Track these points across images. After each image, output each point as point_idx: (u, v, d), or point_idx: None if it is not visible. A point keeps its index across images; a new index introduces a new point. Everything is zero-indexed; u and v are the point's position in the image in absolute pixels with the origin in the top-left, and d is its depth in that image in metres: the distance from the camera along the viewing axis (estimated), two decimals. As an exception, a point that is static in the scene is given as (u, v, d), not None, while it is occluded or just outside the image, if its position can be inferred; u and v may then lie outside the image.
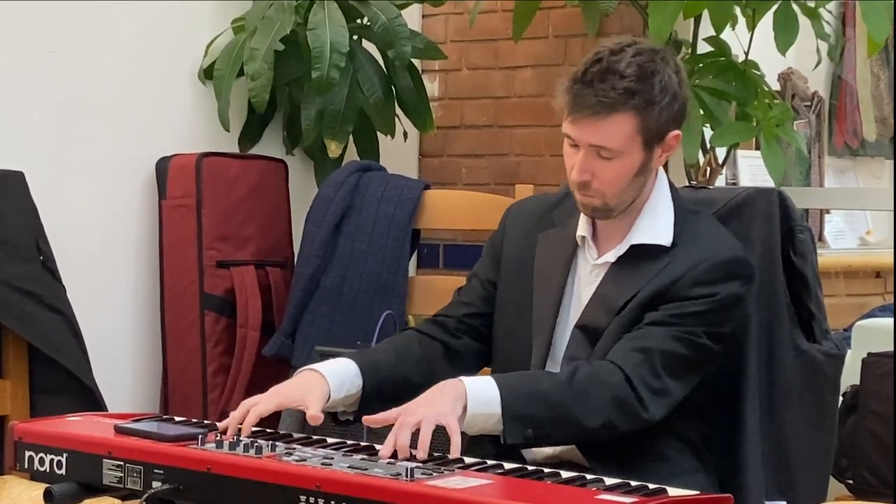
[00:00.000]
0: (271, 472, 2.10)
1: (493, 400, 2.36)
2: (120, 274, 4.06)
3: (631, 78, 2.46)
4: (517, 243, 2.70)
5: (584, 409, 2.40)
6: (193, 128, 4.20)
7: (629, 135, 2.47)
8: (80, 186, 3.95)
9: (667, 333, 2.48)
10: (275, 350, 3.92)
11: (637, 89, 2.46)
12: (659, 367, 2.46)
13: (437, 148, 4.75)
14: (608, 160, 2.49)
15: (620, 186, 2.52)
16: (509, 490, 2.03)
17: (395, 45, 4.07)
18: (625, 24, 4.35)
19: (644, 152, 2.51)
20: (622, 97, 2.45)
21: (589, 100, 2.46)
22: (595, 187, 2.51)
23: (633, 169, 2.51)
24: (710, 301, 2.51)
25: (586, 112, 2.46)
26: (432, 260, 4.61)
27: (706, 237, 2.58)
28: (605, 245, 2.61)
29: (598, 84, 2.45)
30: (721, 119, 4.05)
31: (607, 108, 2.45)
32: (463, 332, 2.70)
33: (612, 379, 2.43)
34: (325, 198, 3.99)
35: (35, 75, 3.86)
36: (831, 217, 5.96)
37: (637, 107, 2.46)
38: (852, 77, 6.06)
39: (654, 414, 2.45)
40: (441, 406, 2.31)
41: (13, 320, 3.47)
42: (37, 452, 2.38)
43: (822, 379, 2.76)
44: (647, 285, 2.52)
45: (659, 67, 2.49)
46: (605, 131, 2.47)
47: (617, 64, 2.46)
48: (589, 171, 2.50)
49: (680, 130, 2.56)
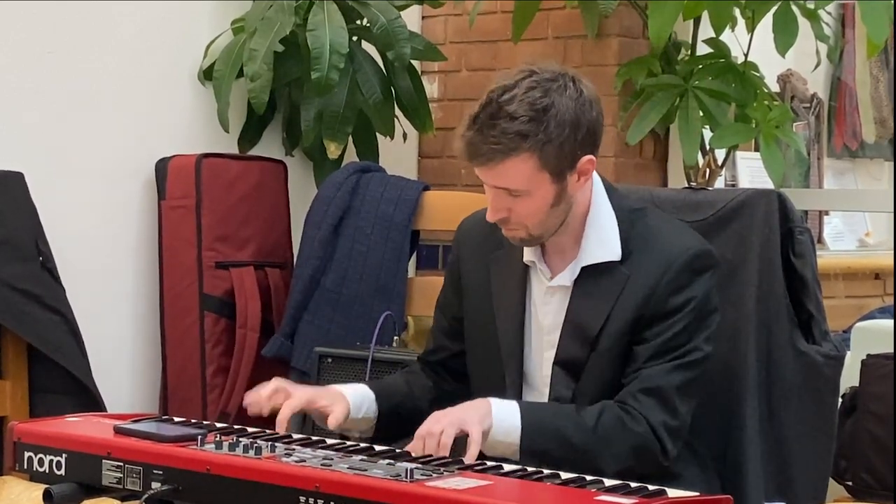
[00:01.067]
0: (271, 473, 2.10)
1: (515, 431, 2.39)
2: (119, 274, 4.06)
3: (522, 119, 2.38)
4: (472, 268, 2.68)
5: (605, 456, 2.41)
6: (193, 128, 4.20)
7: (530, 174, 2.42)
8: (80, 187, 3.95)
9: (669, 367, 2.47)
10: (274, 351, 3.92)
11: (528, 131, 2.38)
12: (674, 403, 2.47)
13: (436, 149, 4.75)
14: (518, 197, 2.44)
15: (539, 218, 2.48)
16: (509, 491, 2.03)
17: (395, 46, 4.07)
18: (624, 26, 4.35)
19: (555, 184, 2.45)
20: (513, 141, 2.38)
21: (481, 148, 2.40)
22: (514, 221, 2.48)
23: (546, 201, 2.46)
24: (691, 308, 2.49)
25: (482, 160, 2.42)
26: (431, 261, 4.61)
27: (658, 239, 2.53)
28: (556, 264, 2.57)
29: (487, 131, 2.39)
30: (720, 120, 4.05)
31: (501, 154, 2.39)
32: (448, 375, 2.73)
33: (637, 428, 2.43)
34: (325, 199, 3.99)
35: (35, 75, 3.86)
36: (830, 219, 5.96)
37: (532, 147, 2.39)
38: (852, 79, 6.05)
39: (672, 454, 2.47)
40: (469, 415, 2.35)
41: (12, 321, 3.47)
42: (36, 453, 2.38)
43: (821, 380, 2.76)
44: (617, 307, 2.49)
45: (553, 100, 2.40)
46: (504, 175, 2.42)
47: (508, 105, 2.38)
48: (503, 209, 2.47)
49: (594, 154, 2.47)
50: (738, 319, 2.74)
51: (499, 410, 2.40)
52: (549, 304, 2.57)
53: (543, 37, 4.46)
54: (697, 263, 2.52)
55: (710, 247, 2.58)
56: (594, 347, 2.50)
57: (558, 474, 2.14)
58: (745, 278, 2.76)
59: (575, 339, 2.52)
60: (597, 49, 4.34)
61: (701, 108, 4.04)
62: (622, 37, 4.35)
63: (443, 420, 2.34)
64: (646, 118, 4.06)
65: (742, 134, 4.09)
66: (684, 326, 2.48)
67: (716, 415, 2.71)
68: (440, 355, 2.75)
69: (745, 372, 2.73)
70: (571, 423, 2.42)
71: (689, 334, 2.48)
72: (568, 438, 2.40)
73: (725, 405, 2.73)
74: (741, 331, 2.74)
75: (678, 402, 2.47)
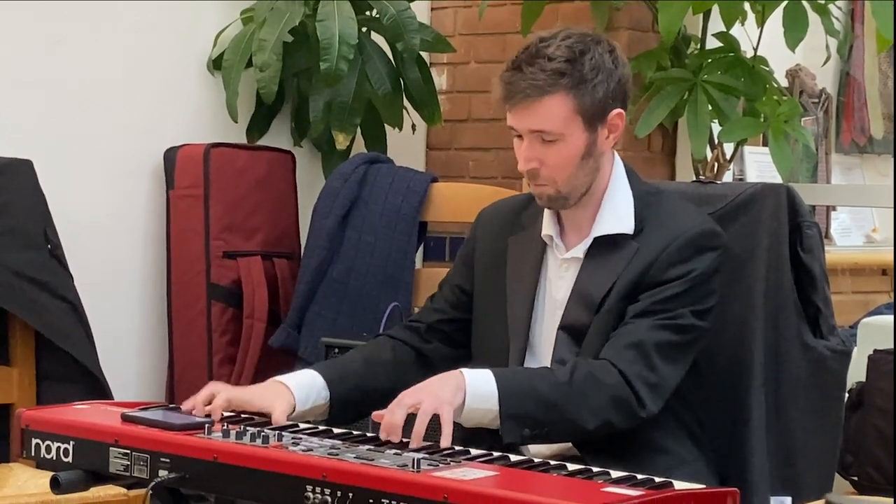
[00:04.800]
0: (278, 462, 2.10)
1: (491, 396, 2.37)
2: (127, 263, 4.07)
3: (559, 59, 2.47)
4: (489, 249, 2.70)
5: (583, 410, 2.40)
6: (201, 118, 4.20)
7: (566, 115, 2.48)
8: (89, 176, 3.96)
9: (653, 323, 2.49)
10: (281, 341, 3.93)
11: (566, 70, 2.47)
12: (653, 359, 2.46)
13: (444, 141, 4.75)
14: (551, 143, 2.49)
15: (569, 171, 2.52)
16: (515, 482, 2.03)
17: (404, 37, 4.07)
18: (634, 19, 4.35)
19: (587, 133, 2.51)
20: (552, 77, 2.47)
21: (519, 85, 2.48)
22: (544, 175, 2.52)
23: (578, 150, 2.51)
24: (688, 279, 2.51)
25: (519, 97, 2.49)
26: (439, 252, 4.61)
27: (671, 216, 2.58)
28: (572, 240, 2.61)
29: (527, 68, 2.48)
30: (729, 114, 4.05)
31: (538, 90, 2.47)
32: (434, 337, 2.72)
33: (610, 379, 2.43)
34: (333, 189, 4.00)
35: (44, 64, 3.86)
36: (837, 214, 5.95)
37: (569, 86, 2.47)
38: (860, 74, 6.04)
39: (651, 409, 2.46)
40: (441, 394, 2.33)
41: (20, 308, 3.48)
42: (43, 440, 2.39)
43: (828, 375, 2.76)
44: (622, 276, 2.52)
45: (589, 47, 2.50)
46: (540, 114, 2.48)
47: (545, 48, 2.49)
48: (535, 159, 2.51)
49: (624, 109, 2.56)
50: (745, 313, 2.74)
51: (472, 378, 2.37)
52: (562, 277, 2.59)
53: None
54: (702, 241, 2.54)
55: (719, 229, 2.60)
56: (597, 312, 2.52)
57: (565, 465, 2.14)
58: (752, 272, 2.76)
59: (580, 305, 2.54)
60: (606, 42, 4.33)
61: (710, 102, 4.03)
62: (632, 30, 4.34)
63: (414, 395, 2.32)
64: (654, 112, 4.06)
65: (751, 128, 4.09)
66: (676, 293, 2.50)
67: (722, 408, 2.71)
68: (434, 318, 2.72)
69: (751, 366, 2.73)
70: (545, 381, 2.42)
71: (680, 302, 2.50)
72: (544, 396, 2.39)
73: (732, 399, 2.73)
74: (748, 325, 2.74)
75: (657, 359, 2.46)
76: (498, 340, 2.63)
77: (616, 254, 2.54)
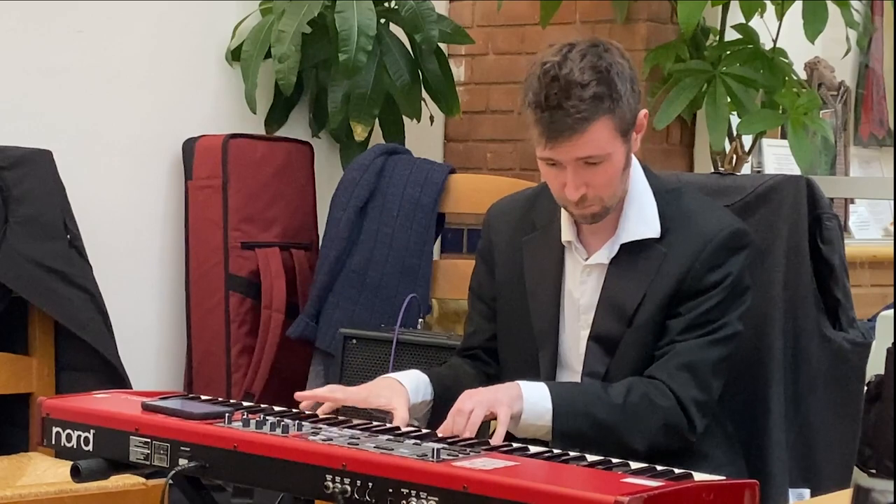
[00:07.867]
0: (298, 451, 2.10)
1: (546, 413, 2.40)
2: (146, 254, 4.08)
3: (592, 83, 2.42)
4: (504, 252, 2.69)
5: (635, 433, 2.43)
6: (220, 109, 4.21)
7: (610, 136, 2.45)
8: (108, 166, 3.96)
9: (704, 342, 2.49)
10: (299, 332, 3.93)
11: (602, 92, 2.42)
12: (706, 379, 2.48)
13: (462, 132, 4.75)
14: (596, 165, 2.46)
15: (614, 186, 2.50)
16: (535, 472, 2.03)
17: (423, 29, 4.07)
18: (652, 11, 4.34)
19: (625, 145, 2.49)
20: (593, 104, 2.41)
21: (565, 122, 2.41)
22: (591, 196, 2.48)
23: (620, 164, 2.49)
24: (726, 285, 2.51)
25: (567, 133, 2.42)
26: (456, 244, 4.61)
27: (696, 217, 2.56)
28: (592, 244, 2.59)
29: (566, 103, 2.41)
30: (748, 107, 4.05)
31: (583, 122, 2.42)
32: (491, 359, 2.72)
33: (664, 402, 2.45)
34: (351, 180, 3.99)
35: (64, 54, 3.87)
36: (856, 207, 5.93)
37: (609, 108, 2.43)
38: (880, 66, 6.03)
39: (699, 430, 2.48)
40: (500, 397, 2.36)
41: (40, 298, 3.49)
42: (64, 428, 2.40)
43: (847, 367, 2.75)
44: (654, 284, 2.51)
45: (606, 59, 2.45)
46: (586, 142, 2.43)
47: (570, 75, 2.42)
48: (583, 185, 2.47)
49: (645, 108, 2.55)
50: (765, 305, 2.74)
51: (529, 394, 2.40)
52: (585, 283, 2.58)
53: (571, 21, 4.45)
54: (734, 242, 2.54)
55: (745, 226, 2.60)
56: (630, 324, 2.51)
57: (584, 456, 2.14)
58: (772, 264, 2.76)
59: (611, 316, 2.53)
60: (625, 34, 4.32)
61: (728, 94, 4.03)
62: (650, 22, 4.34)
63: (474, 397, 2.35)
64: (673, 103, 4.05)
65: (769, 120, 4.08)
66: (718, 302, 2.50)
67: (742, 400, 2.71)
68: (480, 338, 2.73)
69: (771, 358, 2.73)
70: (600, 402, 2.43)
71: (723, 310, 2.50)
72: (598, 418, 2.41)
73: (751, 390, 2.72)
74: (768, 316, 2.74)
75: (711, 379, 2.49)
76: (525, 349, 2.62)
77: (643, 260, 2.53)
